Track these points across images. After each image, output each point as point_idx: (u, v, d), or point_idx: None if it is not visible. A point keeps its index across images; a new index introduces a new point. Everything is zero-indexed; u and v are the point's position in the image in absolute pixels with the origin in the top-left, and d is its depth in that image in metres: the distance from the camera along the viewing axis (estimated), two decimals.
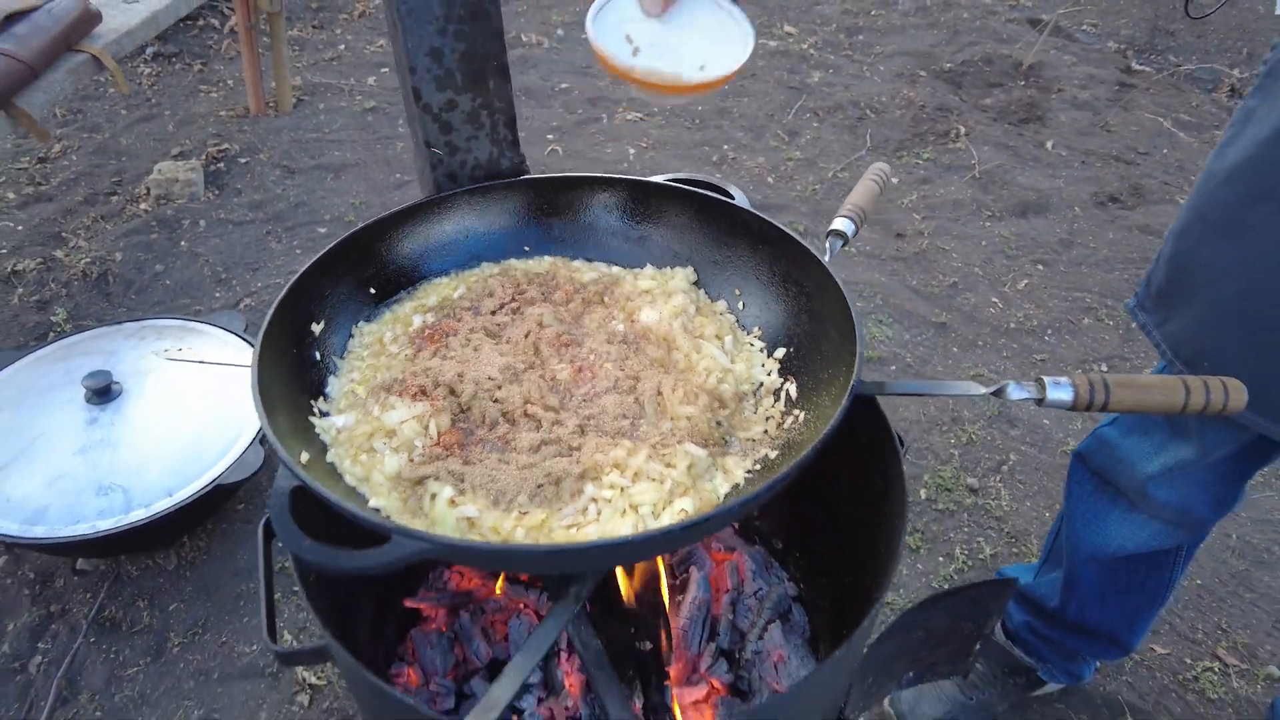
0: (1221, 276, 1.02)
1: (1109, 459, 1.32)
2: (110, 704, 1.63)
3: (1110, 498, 1.34)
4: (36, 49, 2.03)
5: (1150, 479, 1.24)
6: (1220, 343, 1.06)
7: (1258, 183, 0.97)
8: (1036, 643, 1.53)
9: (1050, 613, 1.48)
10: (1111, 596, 1.41)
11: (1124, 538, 1.33)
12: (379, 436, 0.75)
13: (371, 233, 0.89)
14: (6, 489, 1.64)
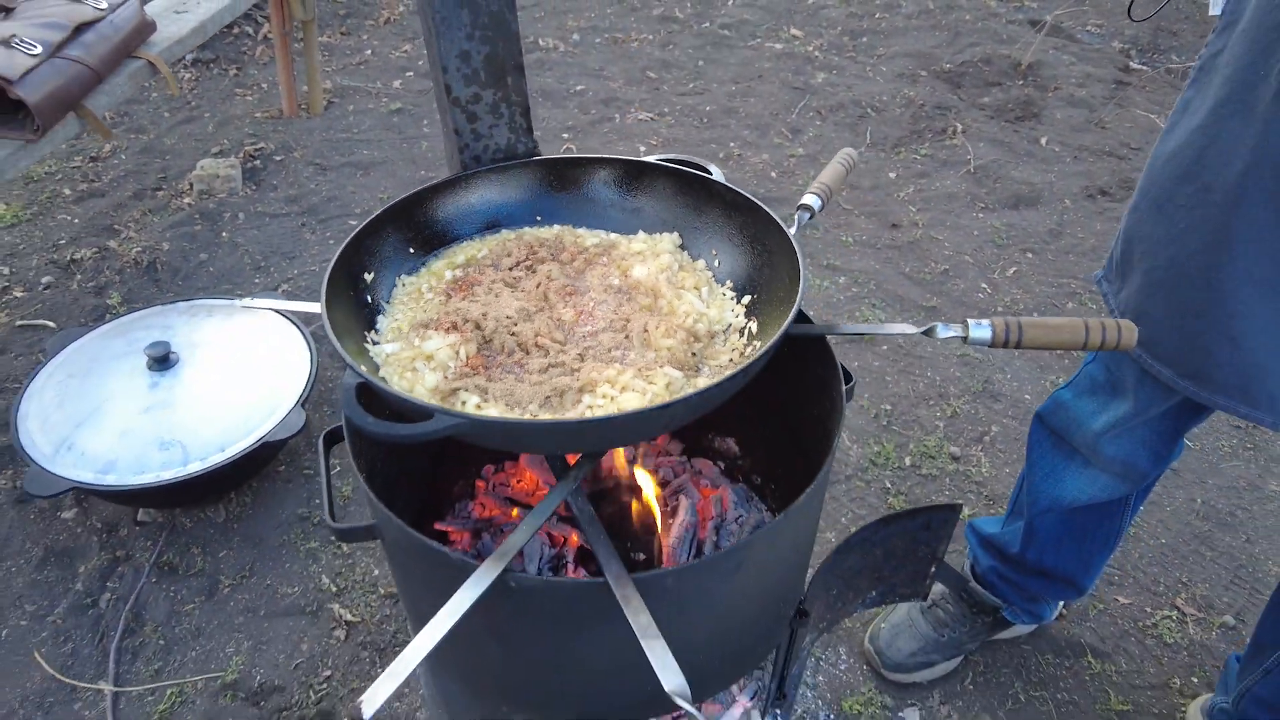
0: (1155, 249, 1.16)
1: (1064, 419, 1.47)
2: (171, 635, 1.83)
3: (1066, 454, 1.49)
4: (101, 55, 2.25)
5: (1099, 435, 1.39)
6: (1153, 309, 1.19)
7: (1186, 166, 1.10)
8: (1001, 585, 1.69)
9: (1013, 558, 1.64)
10: (1067, 543, 1.57)
11: (1078, 490, 1.49)
12: (419, 360, 0.93)
13: (412, 202, 1.08)
14: (81, 444, 1.85)
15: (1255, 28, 1.00)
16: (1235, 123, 1.03)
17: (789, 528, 0.86)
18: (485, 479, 1.42)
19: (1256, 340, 1.09)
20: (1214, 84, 1.06)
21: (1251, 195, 1.03)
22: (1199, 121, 1.08)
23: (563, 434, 0.77)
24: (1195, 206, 1.09)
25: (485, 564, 0.75)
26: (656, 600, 0.76)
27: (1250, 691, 1.49)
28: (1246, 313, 1.08)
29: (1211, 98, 1.06)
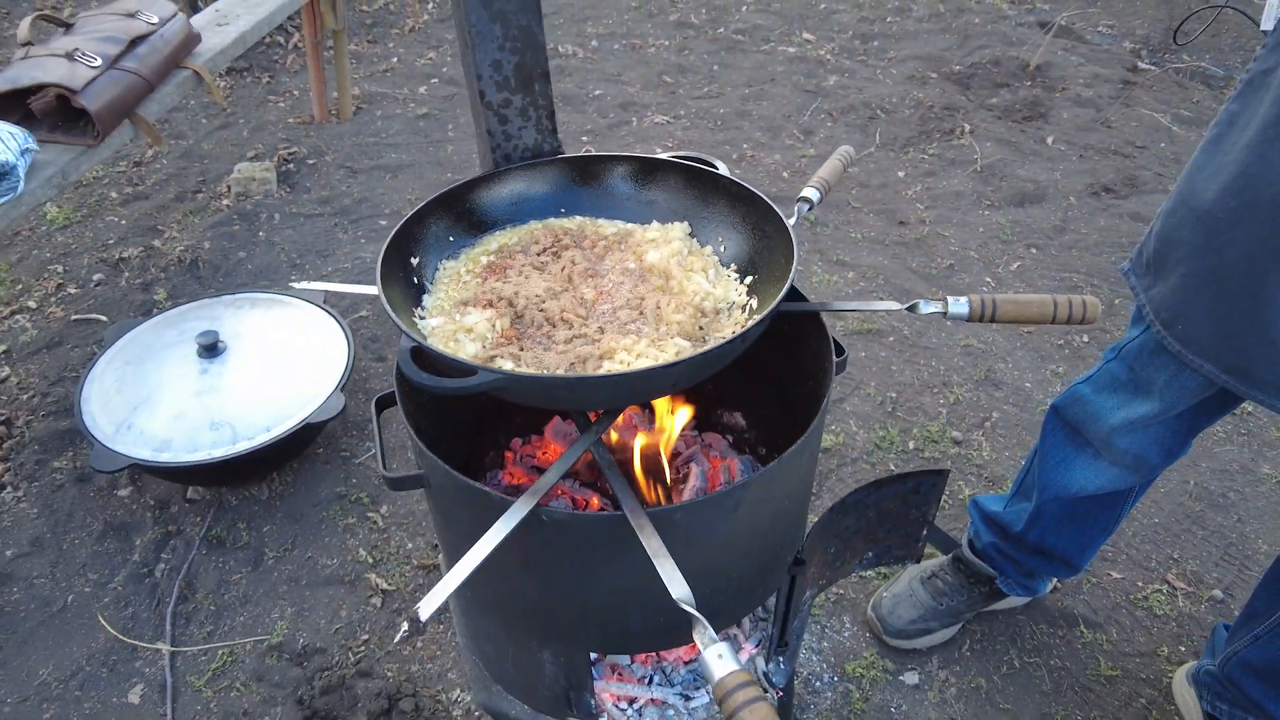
0: (1194, 255, 1.19)
1: (1081, 412, 1.52)
2: (220, 601, 1.98)
3: (1078, 446, 1.56)
4: (153, 66, 2.41)
5: (1114, 430, 1.45)
6: (1192, 310, 1.23)
7: (1231, 181, 1.12)
8: (1000, 560, 1.79)
9: (1015, 536, 1.73)
10: (1069, 526, 1.65)
11: (1086, 480, 1.55)
12: (460, 332, 1.06)
13: (451, 195, 1.21)
14: (139, 424, 2.00)
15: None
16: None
17: (781, 474, 0.98)
18: (514, 451, 1.55)
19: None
20: (1264, 101, 1.08)
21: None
22: (1247, 139, 1.09)
23: (585, 387, 0.89)
24: (1239, 221, 1.12)
25: (521, 499, 0.87)
26: (666, 532, 0.88)
27: (1237, 655, 1.56)
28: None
29: (1261, 116, 1.08)
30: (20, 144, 2.03)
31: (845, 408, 2.47)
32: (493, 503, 0.91)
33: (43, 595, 1.98)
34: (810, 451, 1.07)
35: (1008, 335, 2.72)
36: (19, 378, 2.52)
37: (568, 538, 0.94)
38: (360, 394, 2.46)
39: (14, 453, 2.30)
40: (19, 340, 2.65)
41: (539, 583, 1.02)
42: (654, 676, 1.33)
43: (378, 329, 2.70)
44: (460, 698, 1.79)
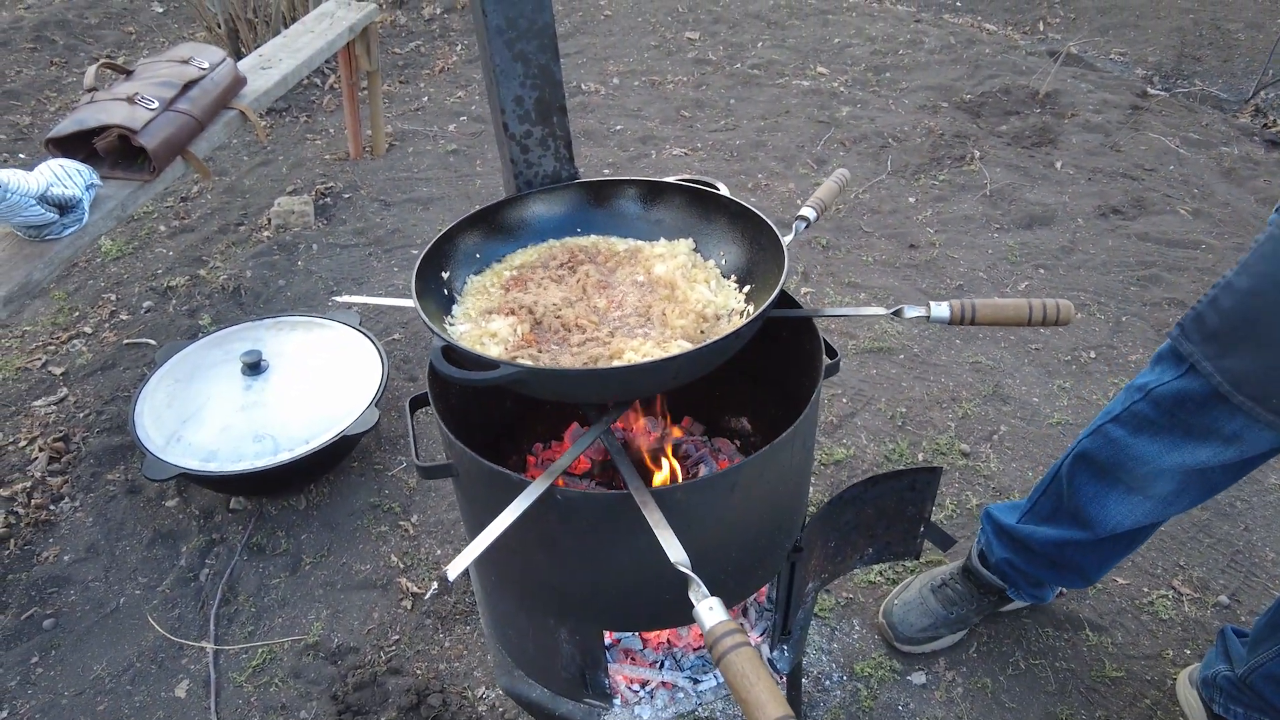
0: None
1: (1118, 454, 1.51)
2: (261, 604, 2.10)
3: (1109, 484, 1.56)
4: (203, 107, 2.60)
5: (1164, 472, 1.45)
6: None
7: None
8: (1012, 573, 1.82)
9: (1033, 551, 1.74)
10: (1095, 552, 1.68)
11: (1123, 517, 1.56)
12: (485, 336, 1.18)
13: (478, 217, 1.34)
14: (188, 436, 2.15)
15: None
16: None
17: (775, 458, 1.08)
18: (535, 455, 1.66)
19: None
20: None
21: None
22: None
23: (596, 378, 1.00)
24: None
25: (538, 479, 0.98)
26: (668, 509, 0.98)
27: (1263, 667, 1.55)
28: None
29: None
30: (86, 180, 2.21)
31: (856, 422, 2.56)
32: (513, 483, 1.02)
33: (97, 597, 2.11)
34: (801, 440, 1.16)
35: (1015, 352, 2.79)
36: (76, 397, 2.69)
37: (579, 515, 1.04)
38: (393, 411, 2.60)
39: (71, 466, 2.45)
40: (76, 363, 2.83)
41: (554, 561, 1.12)
42: (665, 661, 1.42)
43: (409, 350, 2.84)
44: (485, 694, 1.88)
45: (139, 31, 5.34)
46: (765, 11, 5.44)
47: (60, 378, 2.78)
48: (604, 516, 1.04)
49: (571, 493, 1.02)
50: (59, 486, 2.40)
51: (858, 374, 2.71)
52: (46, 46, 5.05)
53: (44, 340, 2.95)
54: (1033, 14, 5.58)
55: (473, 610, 2.06)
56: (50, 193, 2.10)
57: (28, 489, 2.38)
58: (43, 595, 2.12)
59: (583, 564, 1.11)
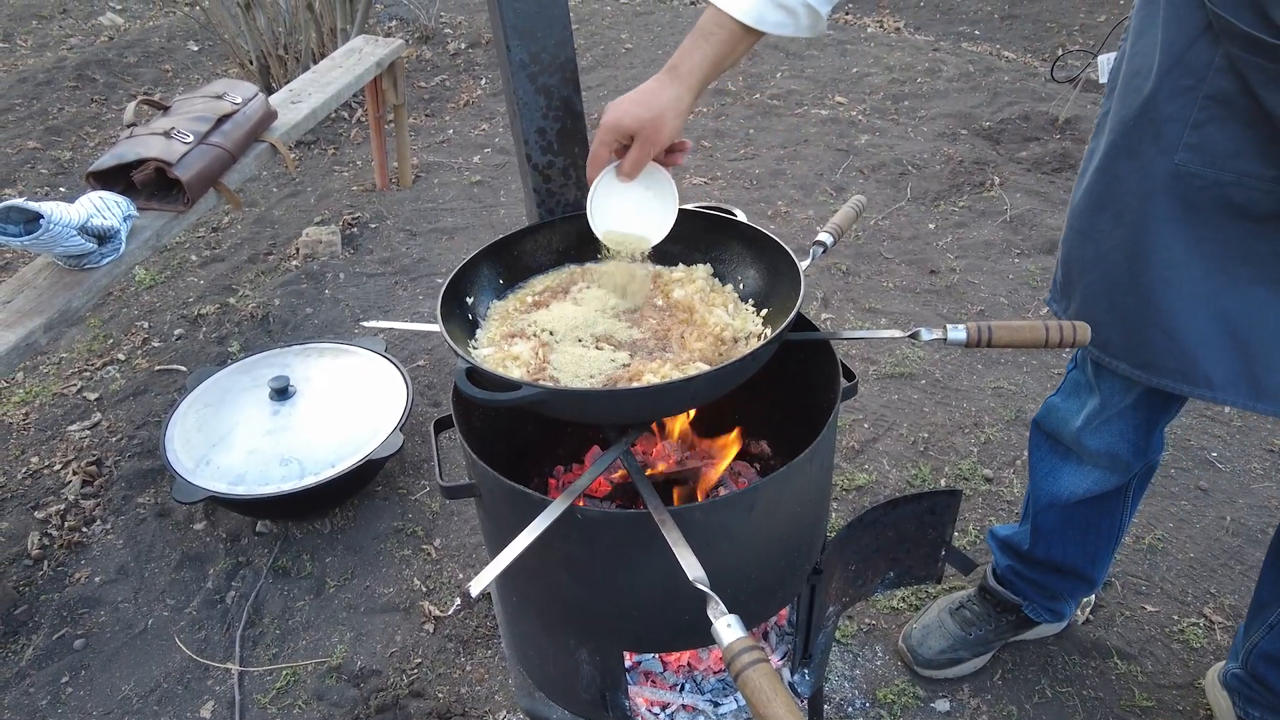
0: (1088, 268, 1.39)
1: (1055, 421, 1.66)
2: (285, 626, 2.12)
3: (1061, 454, 1.67)
4: (236, 140, 2.69)
5: (1079, 431, 1.58)
6: (1098, 316, 1.40)
7: (1098, 199, 1.35)
8: (1019, 583, 1.85)
9: (1026, 555, 1.80)
10: (1072, 536, 1.73)
11: (1073, 485, 1.66)
12: (508, 359, 1.21)
13: (502, 244, 1.37)
14: (217, 460, 2.19)
15: (1125, 92, 1.27)
16: (1125, 163, 1.28)
17: (794, 478, 1.09)
18: (556, 478, 1.68)
19: (1182, 331, 1.29)
20: (1105, 134, 1.32)
21: (1152, 215, 1.26)
22: (1098, 164, 1.33)
23: (614, 400, 1.02)
24: (1112, 230, 1.32)
25: (558, 498, 1.00)
26: (687, 529, 0.99)
27: (1257, 648, 1.61)
28: (1169, 309, 1.29)
29: (1103, 144, 1.32)
30: (124, 211, 2.28)
31: (878, 448, 2.55)
32: (534, 502, 1.03)
33: (126, 618, 2.15)
34: (820, 460, 1.17)
35: (1038, 377, 2.78)
36: (109, 422, 2.75)
37: (600, 534, 1.06)
38: (417, 436, 2.63)
39: (103, 489, 2.51)
40: (109, 389, 2.90)
41: (575, 580, 1.13)
42: (685, 684, 1.42)
43: (434, 376, 2.88)
44: (506, 718, 1.89)
45: (175, 69, 5.52)
46: (784, 42, 5.52)
47: (94, 403, 2.84)
48: (624, 536, 1.06)
49: (592, 511, 1.04)
50: (91, 509, 2.45)
51: (879, 399, 2.71)
52: (88, 85, 5.23)
53: (79, 366, 3.03)
54: (1051, 41, 5.61)
55: (494, 634, 2.07)
56: (90, 224, 2.17)
57: (61, 511, 2.44)
58: (74, 616, 2.16)
59: (603, 584, 1.12)
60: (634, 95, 1.19)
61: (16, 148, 4.55)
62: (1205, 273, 1.25)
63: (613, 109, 1.19)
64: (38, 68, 5.42)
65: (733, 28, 1.13)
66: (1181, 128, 1.18)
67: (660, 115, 1.17)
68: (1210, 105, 1.15)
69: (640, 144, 1.19)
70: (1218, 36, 1.10)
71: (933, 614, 1.97)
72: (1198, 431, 2.53)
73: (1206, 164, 1.18)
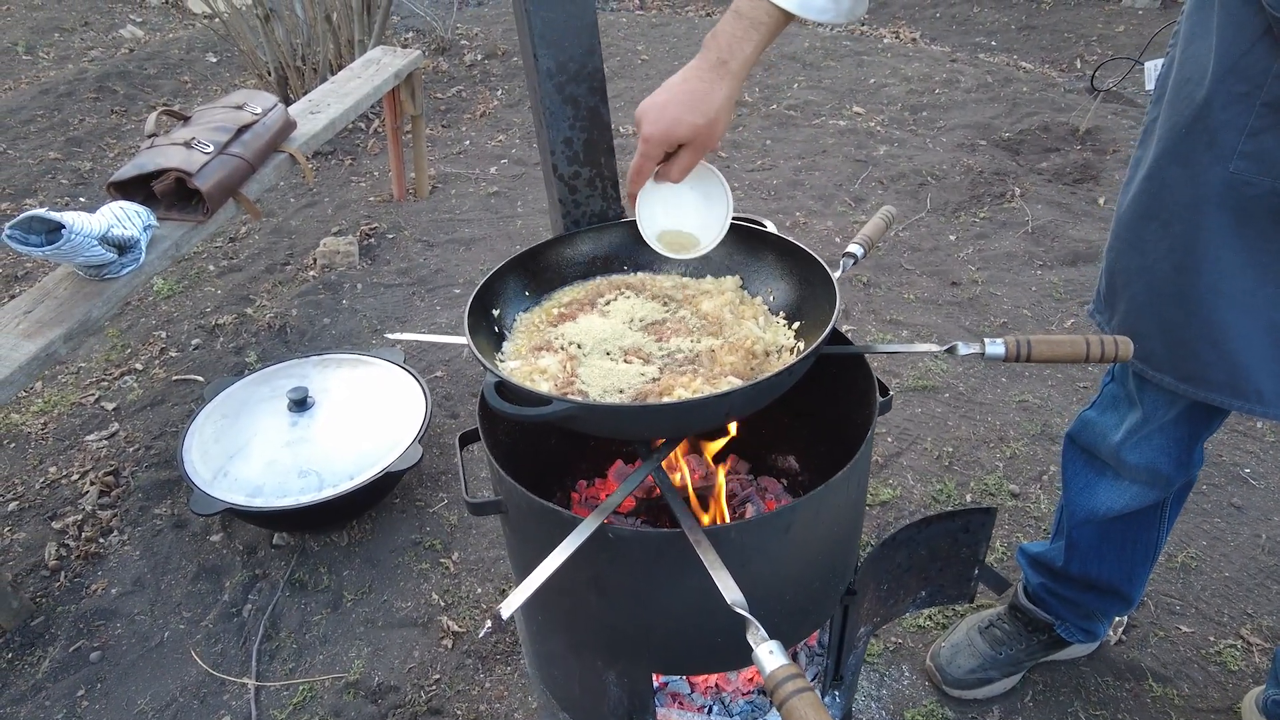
0: (1134, 278, 1.35)
1: (1091, 435, 1.62)
2: (302, 640, 2.10)
3: (1097, 469, 1.63)
4: (255, 150, 2.68)
5: (1119, 446, 1.54)
6: (1143, 328, 1.37)
7: (1146, 208, 1.31)
8: (1052, 601, 1.81)
9: (1059, 572, 1.76)
10: (1108, 553, 1.69)
11: (1111, 500, 1.62)
12: (535, 373, 1.18)
13: (527, 256, 1.35)
14: (234, 472, 2.17)
15: (1174, 98, 1.23)
16: (1175, 170, 1.24)
17: (830, 498, 1.06)
18: (579, 492, 1.65)
19: (1232, 343, 1.25)
20: (1153, 142, 1.29)
21: (1203, 225, 1.22)
22: (1146, 172, 1.30)
23: (648, 415, 1.00)
24: (1160, 239, 1.29)
25: (589, 517, 0.97)
26: (722, 551, 0.96)
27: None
28: (1219, 321, 1.25)
29: (1152, 151, 1.29)
30: (144, 221, 2.28)
31: (902, 462, 2.51)
32: (564, 520, 1.01)
33: (142, 631, 2.13)
34: (857, 479, 1.14)
35: (1063, 390, 2.73)
36: (126, 432, 2.75)
37: (632, 554, 1.03)
38: (435, 448, 2.61)
39: (121, 500, 2.50)
40: (127, 399, 2.90)
41: (605, 600, 1.10)
42: (713, 706, 1.38)
43: (452, 388, 2.86)
44: None
45: (194, 80, 5.56)
46: (801, 53, 5.51)
47: (112, 413, 2.84)
48: (656, 555, 1.03)
49: (623, 531, 1.01)
50: (108, 520, 2.44)
51: (903, 413, 2.67)
52: (108, 96, 5.27)
53: (98, 376, 3.03)
54: (1069, 52, 5.58)
55: (514, 650, 2.04)
56: (111, 234, 2.17)
57: (79, 522, 2.43)
58: (90, 628, 2.14)
59: (633, 604, 1.09)
60: (679, 98, 1.08)
61: (38, 159, 4.58)
62: (1257, 283, 1.22)
63: (658, 117, 1.09)
64: (59, 79, 5.47)
65: (778, 16, 1.06)
66: (1237, 135, 1.15)
67: (715, 120, 1.09)
68: (1268, 113, 1.11)
69: (692, 151, 1.12)
70: (1278, 42, 1.07)
71: (961, 632, 1.93)
72: (1230, 447, 2.48)
73: (1263, 172, 1.14)
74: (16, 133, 4.82)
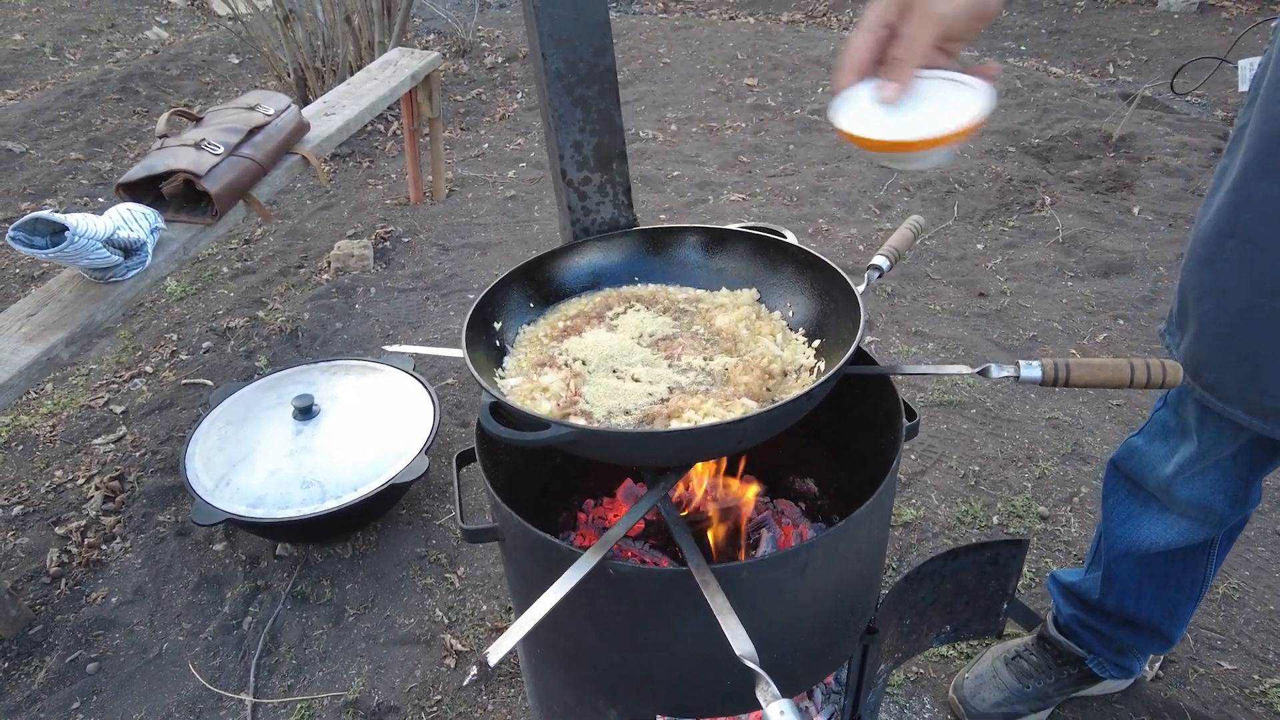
0: (1207, 299, 1.24)
1: (1138, 464, 1.51)
2: (302, 656, 2.04)
3: (1142, 500, 1.53)
4: (267, 152, 2.64)
5: (1171, 479, 1.43)
6: (1214, 355, 1.26)
7: (1226, 223, 1.20)
8: (1085, 634, 1.70)
9: (1094, 605, 1.66)
10: (1149, 589, 1.59)
11: (1156, 535, 1.51)
12: (537, 391, 1.11)
13: (533, 265, 1.28)
14: (237, 481, 2.12)
15: (1269, 102, 1.11)
16: (1262, 183, 1.12)
17: (849, 535, 0.98)
18: (586, 513, 1.58)
19: None
20: (1241, 149, 1.17)
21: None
22: (1231, 183, 1.18)
23: (652, 442, 0.92)
24: (1240, 258, 1.18)
25: (589, 551, 0.90)
26: (733, 591, 0.88)
27: None
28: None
29: (1239, 161, 1.16)
30: (151, 223, 2.24)
31: (926, 480, 2.41)
32: (562, 554, 0.93)
33: (141, 642, 2.08)
34: (880, 514, 1.06)
35: (1095, 408, 2.62)
36: (134, 436, 2.71)
37: (634, 592, 0.95)
38: (443, 458, 2.55)
39: (125, 506, 2.46)
40: (136, 402, 2.86)
41: (605, 639, 1.03)
42: None
43: (463, 395, 2.80)
44: None
45: (215, 82, 5.56)
46: (825, 57, 5.41)
47: (120, 416, 2.81)
48: (661, 594, 0.95)
49: (625, 567, 0.93)
50: (112, 526, 2.40)
51: (927, 429, 2.57)
52: (130, 97, 5.28)
53: (107, 379, 3.00)
54: (1101, 57, 5.44)
55: (519, 672, 1.97)
56: (117, 236, 2.13)
57: (82, 528, 2.39)
58: (89, 638, 2.10)
59: (636, 644, 1.02)
60: None
61: (59, 159, 4.59)
62: None
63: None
64: (84, 80, 5.50)
65: None
66: None
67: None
68: None
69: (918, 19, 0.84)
70: None
71: (986, 663, 1.83)
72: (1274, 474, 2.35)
73: None
74: (39, 133, 4.84)
